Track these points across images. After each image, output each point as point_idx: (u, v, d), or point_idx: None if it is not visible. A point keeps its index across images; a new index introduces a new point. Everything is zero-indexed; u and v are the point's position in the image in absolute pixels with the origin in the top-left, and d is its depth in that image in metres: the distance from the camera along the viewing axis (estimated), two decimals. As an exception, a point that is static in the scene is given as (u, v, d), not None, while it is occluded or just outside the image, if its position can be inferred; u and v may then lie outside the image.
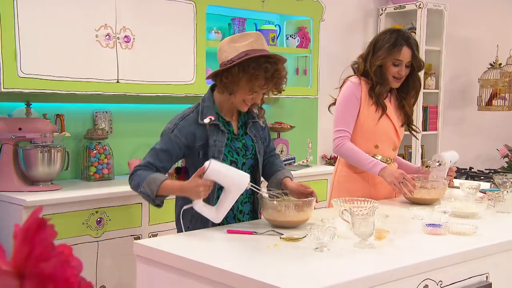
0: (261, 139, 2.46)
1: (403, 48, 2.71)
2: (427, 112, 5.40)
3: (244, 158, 2.38)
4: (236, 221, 2.37)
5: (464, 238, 2.07)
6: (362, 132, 2.77)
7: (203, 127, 2.27)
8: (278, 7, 4.14)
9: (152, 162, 2.26)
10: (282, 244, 1.97)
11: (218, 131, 2.28)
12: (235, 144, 2.35)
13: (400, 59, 2.72)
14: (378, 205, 2.31)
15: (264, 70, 2.19)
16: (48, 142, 3.14)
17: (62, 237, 2.94)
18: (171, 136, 2.27)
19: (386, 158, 2.82)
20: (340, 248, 1.92)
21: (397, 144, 2.88)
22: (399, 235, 2.09)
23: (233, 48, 2.22)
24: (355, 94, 2.76)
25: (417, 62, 2.74)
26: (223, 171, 2.10)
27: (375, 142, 2.79)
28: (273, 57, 2.22)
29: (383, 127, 2.78)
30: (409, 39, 2.73)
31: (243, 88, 2.23)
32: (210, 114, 2.28)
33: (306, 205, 2.21)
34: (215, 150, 2.26)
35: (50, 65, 3.06)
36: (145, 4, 3.41)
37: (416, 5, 5.21)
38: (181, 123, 2.29)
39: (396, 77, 2.74)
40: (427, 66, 5.43)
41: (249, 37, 2.23)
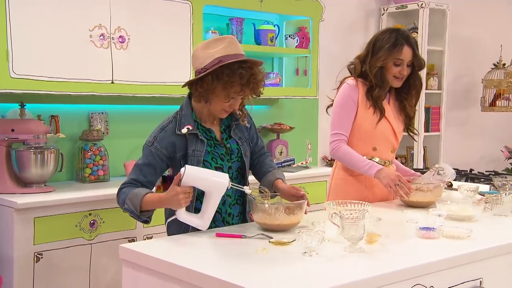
0: (246, 141, 2.41)
1: (404, 47, 2.66)
2: (429, 113, 5.34)
3: (229, 162, 2.33)
4: (225, 224, 2.32)
5: (458, 242, 2.02)
6: (359, 134, 2.73)
7: (182, 136, 2.23)
8: (277, 7, 4.09)
9: (136, 178, 2.22)
10: (270, 248, 1.93)
11: (197, 140, 2.24)
12: (218, 150, 2.30)
13: (401, 59, 2.66)
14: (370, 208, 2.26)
15: (239, 76, 2.14)
16: (41, 144, 3.11)
17: (55, 240, 2.92)
18: (151, 149, 2.24)
19: (384, 160, 2.78)
20: (329, 252, 1.87)
21: (396, 146, 2.83)
22: (391, 239, 2.05)
23: (207, 55, 2.16)
24: (351, 96, 2.72)
25: (418, 61, 2.69)
26: (200, 175, 2.05)
27: (373, 144, 2.75)
28: (248, 61, 2.17)
29: (381, 129, 2.74)
30: (409, 38, 2.68)
31: (219, 96, 2.19)
32: (188, 123, 2.24)
33: (297, 208, 2.16)
34: (194, 160, 2.22)
35: (43, 66, 3.03)
36: (140, 4, 3.38)
37: (418, 5, 5.15)
38: (160, 135, 2.25)
39: (397, 77, 2.69)
40: (430, 66, 5.38)
41: (222, 42, 2.18)
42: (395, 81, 2.71)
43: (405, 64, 2.68)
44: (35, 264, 2.86)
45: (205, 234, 2.10)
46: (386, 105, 2.76)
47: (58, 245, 2.93)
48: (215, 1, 3.74)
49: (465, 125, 5.95)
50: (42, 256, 2.88)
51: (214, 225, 2.27)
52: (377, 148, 2.76)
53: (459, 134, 5.85)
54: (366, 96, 2.71)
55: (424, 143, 5.25)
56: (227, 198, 2.32)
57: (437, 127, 5.38)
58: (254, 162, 2.49)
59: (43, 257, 2.88)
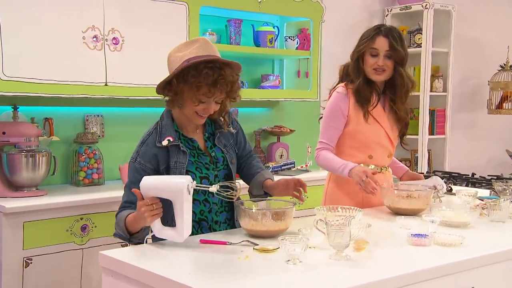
0: (232, 148, 2.34)
1: (378, 37, 2.60)
2: (434, 115, 5.24)
3: (215, 170, 2.25)
4: (211, 231, 2.25)
5: (449, 249, 1.94)
6: (354, 143, 2.67)
7: (164, 148, 2.15)
8: (276, 8, 4.03)
9: (128, 199, 2.15)
10: (254, 256, 1.87)
11: (179, 151, 2.15)
12: (202, 160, 2.23)
13: (375, 48, 2.60)
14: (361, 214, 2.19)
15: (205, 76, 2.04)
16: (33, 147, 3.07)
17: (45, 245, 2.88)
18: (136, 165, 2.17)
19: (380, 167, 2.71)
20: (314, 260, 1.80)
21: (392, 151, 2.76)
22: (381, 246, 1.98)
23: (177, 58, 2.10)
24: (340, 106, 2.66)
25: (396, 53, 2.57)
26: (157, 183, 1.94)
27: (368, 152, 2.69)
28: (216, 61, 2.07)
29: (376, 137, 2.67)
30: (388, 30, 2.61)
31: (188, 99, 2.10)
32: (168, 134, 2.16)
33: (284, 214, 2.10)
34: (176, 172, 2.14)
35: (34, 68, 2.99)
36: (135, 5, 3.33)
37: (423, 6, 5.06)
38: (142, 149, 2.17)
39: (375, 69, 2.61)
40: (435, 68, 5.28)
41: (194, 44, 2.11)
42: (373, 74, 2.62)
43: (381, 55, 2.59)
44: (24, 270, 2.81)
45: (190, 241, 2.03)
46: (380, 109, 2.68)
47: (48, 250, 2.88)
48: (212, 2, 3.69)
49: (471, 128, 5.84)
50: (32, 262, 2.83)
51: (200, 232, 2.21)
52: (373, 155, 2.69)
53: (466, 137, 5.74)
54: (356, 102, 2.64)
55: (428, 146, 5.16)
56: (213, 205, 2.25)
57: (442, 130, 5.28)
58: (242, 165, 2.43)
59: (33, 262, 2.84)
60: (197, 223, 2.22)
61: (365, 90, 2.63)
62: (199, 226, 2.23)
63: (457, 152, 5.51)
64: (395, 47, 2.57)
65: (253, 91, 4.07)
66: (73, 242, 2.98)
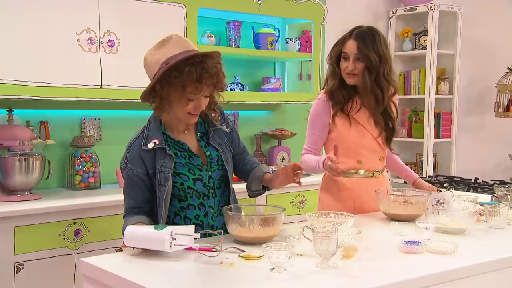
0: (227, 147, 2.27)
1: (348, 40, 2.53)
2: (439, 118, 5.16)
3: (209, 171, 2.19)
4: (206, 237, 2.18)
5: (442, 257, 1.87)
6: (341, 149, 2.54)
7: (150, 152, 2.09)
8: (276, 10, 3.97)
9: (129, 206, 2.13)
10: (238, 263, 1.81)
11: (165, 155, 2.09)
12: (194, 161, 2.16)
13: (345, 52, 2.53)
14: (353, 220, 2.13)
15: (188, 75, 1.96)
16: (27, 150, 3.04)
17: (36, 250, 2.84)
18: (127, 171, 2.12)
19: (372, 171, 2.64)
20: (299, 268, 1.74)
21: (383, 154, 2.68)
22: (371, 254, 1.91)
23: (154, 62, 2.02)
24: (319, 113, 2.63)
25: (365, 57, 2.47)
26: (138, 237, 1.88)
27: (357, 158, 2.62)
28: (194, 56, 1.98)
29: (362, 141, 2.60)
30: (360, 32, 2.52)
31: (176, 101, 2.03)
32: (155, 137, 2.09)
33: (273, 220, 2.04)
34: (161, 177, 2.08)
35: (28, 71, 2.96)
36: (131, 7, 3.29)
37: (428, 7, 4.99)
38: (130, 155, 2.12)
39: (347, 73, 2.54)
40: (440, 70, 5.20)
41: (167, 43, 2.03)
42: (347, 78, 2.56)
43: (351, 58, 2.52)
44: (15, 275, 2.78)
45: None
46: (364, 114, 2.61)
47: (40, 255, 2.85)
48: (211, 4, 3.64)
49: (479, 131, 5.72)
50: (23, 267, 2.80)
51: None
52: (362, 160, 2.62)
53: (473, 141, 5.63)
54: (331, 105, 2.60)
55: (434, 149, 5.07)
56: (209, 209, 2.20)
57: (448, 133, 5.20)
58: (236, 162, 2.36)
59: (24, 267, 2.80)
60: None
61: (338, 93, 2.58)
62: (194, 231, 2.16)
63: (464, 156, 5.42)
64: (362, 51, 2.48)
65: (254, 94, 4.02)
66: (66, 247, 2.94)
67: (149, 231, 1.87)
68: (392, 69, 2.59)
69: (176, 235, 1.84)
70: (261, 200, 3.67)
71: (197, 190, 2.15)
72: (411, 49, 5.20)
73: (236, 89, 3.95)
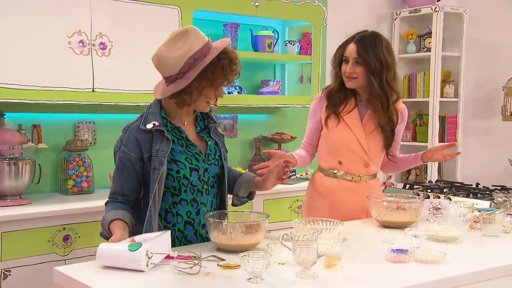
0: (224, 147, 2.27)
1: (349, 44, 2.56)
2: (445, 122, 5.05)
3: (206, 163, 2.15)
4: (197, 237, 2.14)
5: (429, 266, 1.79)
6: (325, 147, 2.65)
7: (147, 135, 2.05)
8: (275, 12, 3.90)
9: (115, 191, 2.10)
10: (216, 273, 1.74)
11: (163, 138, 2.05)
12: (192, 150, 2.13)
13: (345, 55, 2.56)
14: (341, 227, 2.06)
15: (222, 68, 2.03)
16: (16, 154, 3.00)
17: (24, 256, 2.79)
18: (120, 154, 2.08)
19: (352, 175, 2.61)
20: (278, 278, 1.68)
21: (368, 160, 2.61)
22: (355, 262, 1.83)
23: (177, 58, 1.99)
24: (314, 109, 2.71)
25: (364, 60, 2.48)
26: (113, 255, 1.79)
27: (338, 158, 2.62)
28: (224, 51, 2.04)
29: (345, 143, 2.59)
30: (361, 37, 2.54)
31: (207, 93, 2.07)
32: (154, 119, 2.06)
33: (256, 227, 1.97)
34: (156, 161, 2.03)
35: (18, 74, 2.92)
36: (124, 9, 3.24)
37: (432, 9, 4.90)
38: (126, 137, 2.08)
39: (347, 77, 2.56)
40: (445, 73, 5.10)
41: (186, 38, 2.00)
42: (346, 81, 2.58)
43: (351, 61, 2.53)
44: (2, 282, 2.73)
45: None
46: (355, 115, 2.59)
47: (28, 262, 2.80)
48: (207, 6, 3.59)
49: (486, 135, 5.61)
50: (10, 273, 2.75)
51: (184, 240, 2.11)
52: (343, 162, 2.60)
53: (480, 145, 5.52)
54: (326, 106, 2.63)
55: (439, 154, 4.95)
56: (202, 206, 2.14)
57: (453, 137, 5.09)
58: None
59: (11, 274, 2.75)
60: (182, 232, 2.11)
61: (337, 95, 2.61)
62: (183, 235, 2.12)
63: (471, 160, 5.31)
64: (362, 54, 2.49)
65: (252, 97, 3.95)
66: (55, 253, 2.89)
67: (123, 252, 1.77)
68: (396, 76, 2.56)
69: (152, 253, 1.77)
70: (258, 205, 3.61)
71: (192, 182, 2.10)
72: (415, 51, 5.11)
73: (234, 92, 3.88)
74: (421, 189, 3.12)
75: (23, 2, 2.92)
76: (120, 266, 1.79)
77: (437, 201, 2.50)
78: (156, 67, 2.07)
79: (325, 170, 2.64)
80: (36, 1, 2.96)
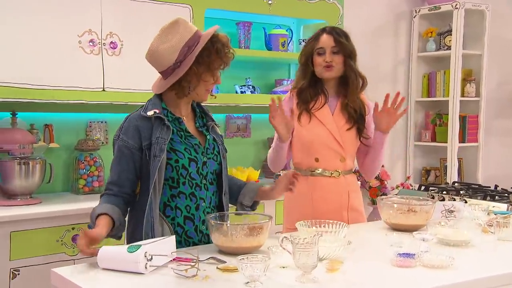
0: (222, 145, 2.24)
1: (322, 35, 2.56)
2: (465, 122, 4.94)
3: (205, 156, 2.13)
4: (197, 234, 2.11)
5: (435, 272, 1.72)
6: (299, 146, 2.58)
7: (147, 123, 2.04)
8: (288, 10, 3.85)
9: (111, 180, 2.07)
10: (214, 276, 1.70)
11: (163, 126, 2.04)
12: (191, 141, 2.11)
13: (321, 47, 2.55)
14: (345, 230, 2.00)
15: (216, 51, 2.04)
16: (27, 154, 3.00)
17: (33, 255, 2.79)
18: (119, 143, 2.06)
19: (330, 171, 2.55)
20: (277, 282, 1.63)
21: (344, 154, 2.56)
22: (359, 267, 1.78)
23: (171, 49, 2.00)
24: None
25: (343, 47, 2.52)
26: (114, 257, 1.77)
27: (314, 155, 2.56)
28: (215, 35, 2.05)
29: (319, 138, 2.54)
30: (331, 28, 2.59)
31: (205, 77, 2.07)
32: (155, 108, 2.06)
33: (258, 229, 1.92)
34: (156, 148, 2.01)
35: (28, 74, 2.91)
36: (135, 8, 3.23)
37: (452, 6, 4.78)
38: (125, 125, 2.07)
39: (325, 66, 2.53)
40: (467, 71, 4.99)
41: (176, 28, 2.02)
42: (324, 72, 2.55)
43: (327, 51, 2.53)
44: (11, 281, 2.73)
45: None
46: (326, 110, 2.56)
47: (36, 261, 2.79)
48: (219, 4, 3.55)
49: (509, 136, 5.47)
50: (19, 273, 2.75)
51: (185, 236, 2.08)
52: (319, 158, 2.55)
53: (502, 145, 5.39)
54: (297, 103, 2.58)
55: (459, 154, 4.85)
56: (201, 201, 2.11)
57: (474, 137, 4.97)
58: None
59: (20, 273, 2.75)
60: (182, 227, 2.08)
61: (307, 91, 2.58)
62: (183, 230, 2.08)
63: (492, 161, 5.18)
64: (340, 41, 2.52)
65: (264, 97, 3.88)
66: (64, 253, 2.88)
67: (122, 254, 1.74)
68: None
69: (151, 255, 1.74)
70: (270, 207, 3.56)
71: (190, 174, 2.08)
72: (435, 49, 5.00)
73: (247, 91, 3.84)
74: (437, 191, 3.04)
75: (34, 2, 2.92)
76: (120, 269, 1.75)
77: (450, 204, 2.42)
78: (152, 64, 2.08)
79: (302, 170, 2.56)
80: (46, 0, 2.95)
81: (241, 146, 4.09)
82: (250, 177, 3.62)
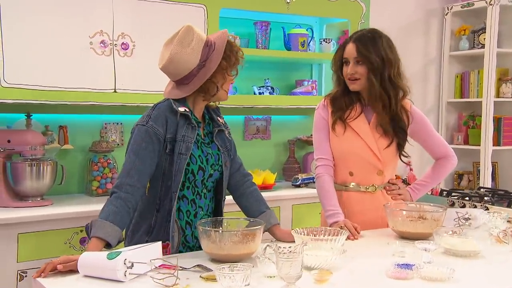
0: (227, 151, 2.20)
1: (347, 45, 2.37)
2: (500, 124, 4.71)
3: (212, 168, 2.11)
4: (193, 239, 2.09)
5: (432, 285, 1.59)
6: (335, 157, 2.41)
7: (175, 118, 2.01)
8: (308, 9, 3.73)
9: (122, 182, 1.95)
10: (196, 284, 1.62)
11: (189, 126, 2.03)
12: (205, 150, 2.10)
13: (345, 57, 2.36)
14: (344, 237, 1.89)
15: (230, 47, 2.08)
16: (38, 155, 2.99)
17: (40, 257, 2.77)
18: (147, 128, 1.98)
19: (366, 186, 2.39)
20: (258, 293, 1.53)
21: (381, 167, 2.39)
22: (351, 278, 1.66)
23: (193, 51, 2.00)
24: (322, 116, 2.46)
25: (365, 59, 2.29)
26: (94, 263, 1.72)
27: (348, 169, 2.40)
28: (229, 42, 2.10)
29: (354, 150, 2.37)
30: (360, 35, 2.35)
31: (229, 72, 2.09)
32: (183, 106, 2.05)
33: (250, 236, 1.83)
34: (182, 146, 2.00)
35: (41, 75, 2.90)
36: (147, 9, 3.18)
37: (487, 2, 4.57)
38: (155, 113, 2.03)
39: (350, 79, 2.35)
40: (502, 71, 4.76)
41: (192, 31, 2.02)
42: (349, 84, 2.37)
43: (351, 62, 2.33)
44: (18, 283, 2.72)
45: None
46: (363, 121, 2.39)
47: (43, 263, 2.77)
48: (234, 3, 3.48)
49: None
50: (26, 275, 2.74)
51: (184, 240, 2.06)
52: (354, 172, 2.39)
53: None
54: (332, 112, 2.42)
55: (493, 158, 4.62)
56: (199, 210, 2.09)
57: (510, 140, 4.73)
58: (238, 184, 2.26)
59: (27, 275, 2.74)
60: (183, 230, 2.06)
61: (341, 99, 2.41)
62: (183, 234, 2.06)
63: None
64: (362, 52, 2.30)
65: (283, 98, 3.80)
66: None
67: (101, 261, 1.68)
68: (400, 73, 2.36)
69: (132, 262, 1.67)
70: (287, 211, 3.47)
71: (195, 181, 2.07)
72: (468, 48, 4.79)
73: (266, 92, 3.75)
74: (458, 197, 2.87)
75: (45, 4, 2.91)
76: (99, 276, 1.70)
77: (464, 211, 2.27)
78: (171, 71, 2.05)
79: (335, 184, 2.41)
80: (57, 2, 2.94)
81: (261, 148, 4.00)
82: (266, 180, 3.53)
